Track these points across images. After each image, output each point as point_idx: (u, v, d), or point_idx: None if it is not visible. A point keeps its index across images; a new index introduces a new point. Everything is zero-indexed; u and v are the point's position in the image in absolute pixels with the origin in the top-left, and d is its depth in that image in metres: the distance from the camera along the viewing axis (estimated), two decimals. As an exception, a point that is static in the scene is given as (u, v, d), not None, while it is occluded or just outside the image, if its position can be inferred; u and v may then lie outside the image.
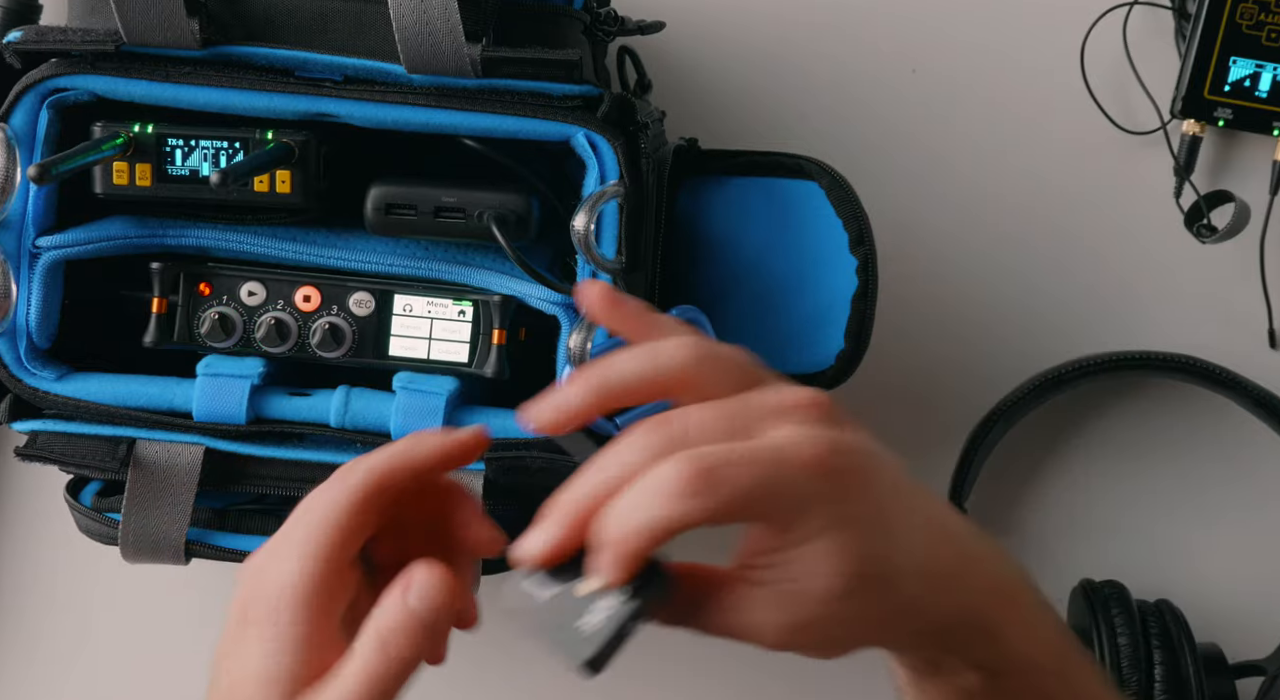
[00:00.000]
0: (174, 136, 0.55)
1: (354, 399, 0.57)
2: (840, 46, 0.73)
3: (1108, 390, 0.73)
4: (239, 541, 0.57)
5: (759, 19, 0.73)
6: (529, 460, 0.56)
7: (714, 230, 0.62)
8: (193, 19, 0.53)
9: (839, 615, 0.42)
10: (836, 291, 0.60)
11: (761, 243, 0.62)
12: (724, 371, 0.43)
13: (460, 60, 0.54)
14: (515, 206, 0.55)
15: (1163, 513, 0.73)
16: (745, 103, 0.73)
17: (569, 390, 0.43)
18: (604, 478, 0.41)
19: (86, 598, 0.74)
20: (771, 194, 0.62)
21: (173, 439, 0.56)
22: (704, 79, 0.74)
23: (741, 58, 0.73)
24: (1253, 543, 0.73)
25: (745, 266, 0.62)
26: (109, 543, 0.58)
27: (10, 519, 0.73)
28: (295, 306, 0.58)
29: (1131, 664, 0.64)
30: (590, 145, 0.55)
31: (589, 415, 0.43)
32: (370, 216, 0.56)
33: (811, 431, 0.41)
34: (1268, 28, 0.69)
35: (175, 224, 0.57)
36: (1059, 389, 0.69)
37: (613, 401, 0.43)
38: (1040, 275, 0.73)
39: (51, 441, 0.56)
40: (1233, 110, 0.70)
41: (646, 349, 0.43)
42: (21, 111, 0.54)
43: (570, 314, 0.56)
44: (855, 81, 0.73)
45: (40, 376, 0.56)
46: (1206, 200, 0.70)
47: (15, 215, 0.55)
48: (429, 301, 0.58)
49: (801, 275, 0.61)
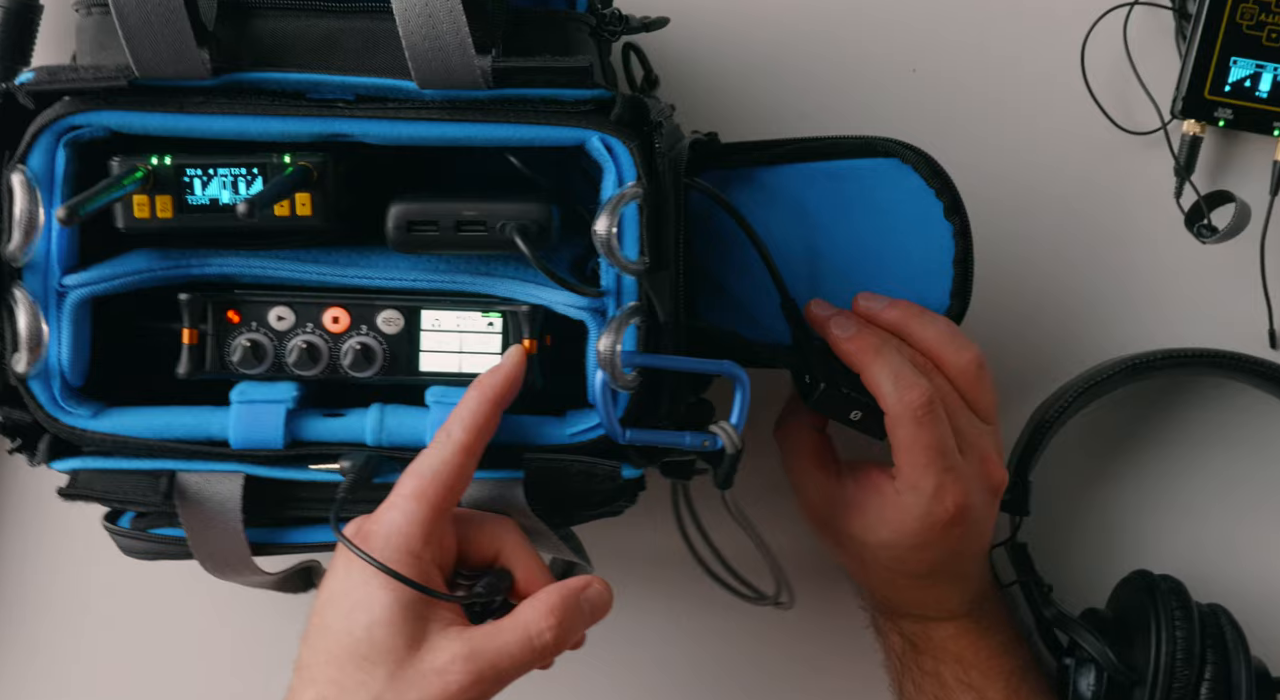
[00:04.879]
0: (192, 166, 0.55)
1: (388, 416, 0.57)
2: (840, 46, 0.73)
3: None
4: (303, 534, 0.59)
5: (759, 19, 0.73)
6: (568, 464, 0.56)
7: (758, 220, 0.62)
8: (203, 49, 0.53)
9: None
10: (931, 258, 0.64)
11: (827, 224, 0.65)
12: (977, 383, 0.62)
13: (471, 72, 0.54)
14: (536, 216, 0.55)
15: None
16: (744, 102, 0.73)
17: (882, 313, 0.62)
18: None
19: (86, 595, 0.75)
20: (831, 176, 0.64)
21: (212, 468, 0.57)
22: (701, 75, 0.74)
23: (740, 57, 0.73)
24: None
25: (812, 250, 0.65)
26: (154, 558, 0.59)
27: (9, 519, 0.74)
28: (324, 328, 0.58)
29: (1185, 659, 0.64)
30: (606, 148, 0.55)
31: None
32: (392, 235, 0.56)
33: (980, 491, 0.62)
34: (1268, 28, 0.69)
35: (198, 253, 0.57)
36: (1142, 375, 0.70)
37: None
38: (1040, 275, 0.73)
39: (92, 479, 0.57)
40: (1233, 110, 0.70)
41: (954, 337, 0.62)
42: (39, 152, 0.54)
43: (598, 318, 0.56)
44: (855, 81, 0.73)
45: (76, 415, 0.56)
46: (1206, 200, 0.70)
47: (40, 256, 0.55)
48: (457, 315, 0.58)
49: (884, 248, 0.64)
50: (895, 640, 0.68)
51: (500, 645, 0.52)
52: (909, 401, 0.59)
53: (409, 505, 0.53)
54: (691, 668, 0.75)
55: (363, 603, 0.51)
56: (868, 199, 0.65)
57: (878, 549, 0.63)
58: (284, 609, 0.64)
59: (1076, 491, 0.75)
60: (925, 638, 0.67)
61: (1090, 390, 0.69)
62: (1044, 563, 0.70)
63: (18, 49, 0.68)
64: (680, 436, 0.57)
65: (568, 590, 0.54)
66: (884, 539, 0.62)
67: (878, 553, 0.63)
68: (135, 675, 0.75)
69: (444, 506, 0.53)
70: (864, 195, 0.65)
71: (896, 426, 0.60)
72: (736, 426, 0.57)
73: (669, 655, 0.75)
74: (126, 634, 0.75)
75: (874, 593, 0.68)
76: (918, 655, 0.67)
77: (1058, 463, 0.72)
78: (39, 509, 0.74)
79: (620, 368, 0.55)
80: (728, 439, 0.57)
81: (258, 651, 0.74)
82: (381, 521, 0.53)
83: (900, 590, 0.66)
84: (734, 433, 0.57)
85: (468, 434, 0.54)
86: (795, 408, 0.67)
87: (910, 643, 0.67)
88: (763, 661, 0.75)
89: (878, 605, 0.68)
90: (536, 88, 0.55)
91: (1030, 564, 0.70)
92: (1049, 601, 0.69)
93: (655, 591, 0.74)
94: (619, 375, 0.55)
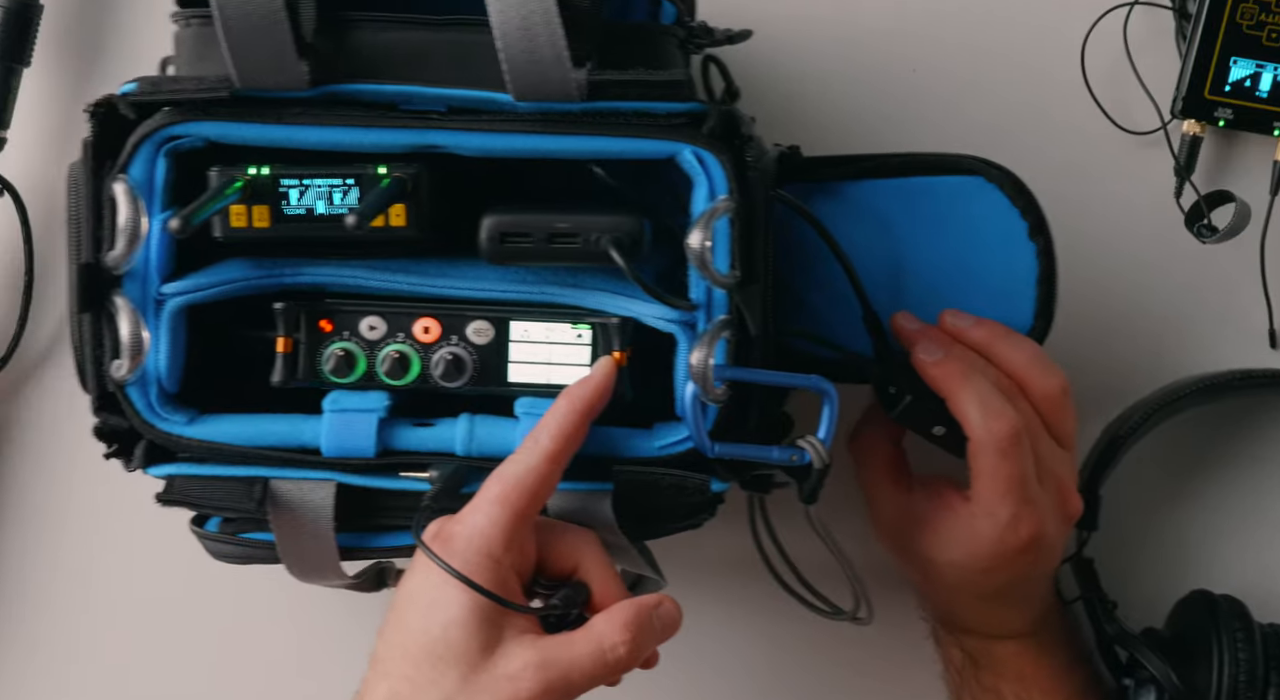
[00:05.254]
0: (288, 177, 0.56)
1: (478, 427, 0.57)
2: (840, 46, 0.73)
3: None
4: (390, 539, 0.59)
5: (758, 18, 0.72)
6: (659, 477, 0.56)
7: (840, 234, 0.63)
8: (303, 60, 0.54)
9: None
10: (1014, 277, 0.64)
11: (909, 240, 0.65)
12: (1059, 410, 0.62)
13: (566, 85, 0.54)
14: (629, 229, 0.56)
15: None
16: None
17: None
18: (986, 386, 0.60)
19: (86, 595, 0.75)
20: (915, 192, 0.64)
21: (305, 476, 0.57)
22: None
23: (739, 57, 0.72)
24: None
25: (895, 265, 0.65)
26: (244, 562, 0.60)
27: (9, 518, 0.75)
28: (415, 338, 0.58)
29: (1249, 681, 0.64)
30: (698, 161, 0.55)
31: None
32: (485, 246, 0.56)
33: (1055, 520, 0.62)
34: (1268, 28, 0.69)
35: (291, 263, 0.58)
36: (1217, 396, 0.69)
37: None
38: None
39: (188, 485, 0.57)
40: (1233, 110, 0.70)
41: (1041, 361, 0.62)
42: (139, 162, 0.55)
43: (688, 331, 0.56)
44: (855, 81, 0.73)
45: (172, 421, 0.56)
46: (1206, 200, 0.69)
47: (139, 265, 0.55)
48: (546, 326, 0.58)
49: (967, 266, 0.64)
50: (955, 654, 0.68)
51: (573, 657, 0.52)
52: (995, 431, 0.59)
53: (492, 509, 0.53)
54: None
55: (440, 603, 0.52)
56: (950, 216, 0.65)
57: (945, 568, 0.63)
58: (305, 604, 0.64)
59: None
60: (986, 654, 0.66)
61: (1163, 409, 0.69)
62: (1109, 580, 0.70)
63: (17, 49, 0.70)
64: (768, 451, 0.57)
65: (642, 606, 0.54)
66: (953, 559, 0.62)
67: (945, 571, 0.63)
68: (136, 674, 0.76)
69: (527, 513, 0.54)
70: (947, 212, 0.65)
71: (980, 454, 0.60)
72: (824, 441, 0.57)
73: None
74: (127, 633, 0.75)
75: (938, 608, 0.68)
76: (978, 670, 0.67)
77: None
78: (39, 508, 0.75)
79: (712, 381, 0.55)
80: (815, 454, 0.57)
81: (262, 650, 0.75)
82: (464, 523, 0.53)
83: (965, 608, 0.66)
84: (822, 447, 0.57)
85: (555, 442, 0.54)
86: (872, 419, 0.67)
87: (971, 658, 0.67)
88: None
89: (940, 619, 0.68)
90: (630, 101, 0.55)
91: (1095, 580, 0.70)
92: (1112, 618, 0.68)
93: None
94: (710, 389, 0.55)
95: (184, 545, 0.72)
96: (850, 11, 0.73)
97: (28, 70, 0.71)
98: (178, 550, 0.73)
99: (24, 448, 0.75)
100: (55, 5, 0.73)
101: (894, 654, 0.73)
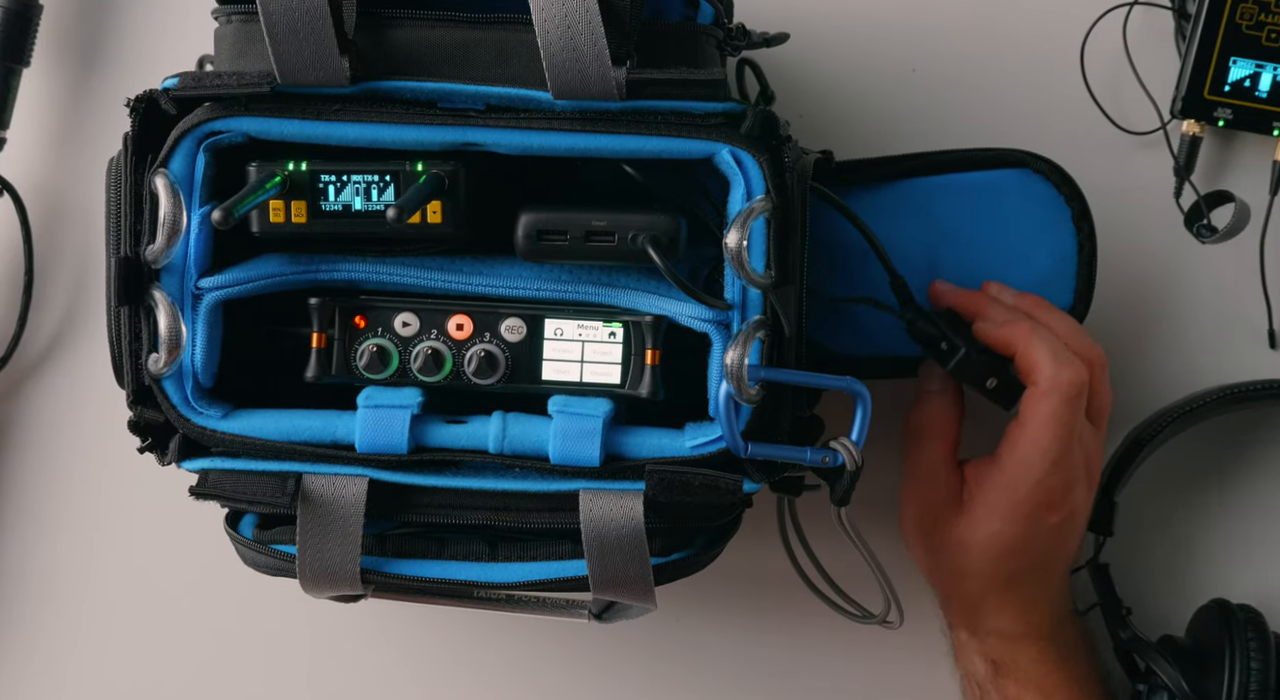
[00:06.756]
0: (326, 173, 0.56)
1: (511, 424, 0.57)
2: (840, 46, 0.73)
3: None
4: (409, 567, 0.58)
5: (757, 18, 0.73)
6: (691, 476, 0.56)
7: (879, 232, 0.63)
8: (344, 57, 0.54)
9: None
10: (1057, 264, 0.67)
11: (951, 234, 0.67)
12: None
13: (606, 83, 0.54)
14: (666, 227, 0.56)
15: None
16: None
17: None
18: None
19: (85, 594, 0.75)
20: (962, 189, 0.66)
21: (337, 472, 0.57)
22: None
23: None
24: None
25: (934, 259, 0.67)
26: (274, 574, 0.59)
27: (10, 518, 0.75)
28: (449, 335, 0.58)
29: (1260, 691, 0.64)
30: (735, 161, 0.55)
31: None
32: (521, 243, 0.56)
33: (1084, 487, 0.65)
34: (1268, 28, 0.69)
35: (326, 259, 0.58)
36: (1241, 404, 0.69)
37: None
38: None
39: (221, 479, 0.57)
40: (1233, 110, 0.70)
41: (1082, 333, 0.64)
42: (180, 156, 0.55)
43: (722, 331, 0.56)
44: (854, 81, 0.73)
45: (207, 415, 0.57)
46: (1206, 200, 0.69)
47: (178, 259, 0.56)
48: (579, 325, 0.58)
49: (1008, 256, 0.67)
50: (977, 665, 0.67)
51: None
52: (1066, 378, 0.61)
53: None
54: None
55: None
56: (995, 208, 0.66)
57: (976, 549, 0.64)
58: (305, 604, 0.64)
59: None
60: (1010, 660, 0.66)
61: (1184, 417, 0.69)
62: (1125, 586, 0.70)
63: (17, 49, 0.70)
64: (801, 452, 0.57)
65: None
66: (991, 531, 0.63)
67: (974, 555, 0.64)
68: (136, 674, 0.76)
69: None
70: (992, 205, 0.66)
71: (1043, 399, 0.61)
72: (857, 443, 0.57)
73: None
74: (127, 634, 0.75)
75: (963, 606, 0.67)
76: (999, 679, 0.66)
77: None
78: (39, 508, 0.75)
79: (746, 381, 0.55)
80: (848, 455, 0.57)
81: (262, 650, 0.75)
82: None
83: (989, 596, 0.66)
84: (855, 449, 0.57)
85: None
86: (932, 399, 0.67)
87: (993, 666, 0.67)
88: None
89: (964, 622, 0.68)
90: (668, 100, 0.55)
91: (1111, 585, 0.70)
92: (1126, 624, 0.69)
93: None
94: (744, 389, 0.55)
95: (184, 545, 0.74)
96: (851, 11, 0.74)
97: (28, 70, 0.72)
98: (178, 550, 0.74)
99: (24, 448, 0.75)
100: (55, 5, 0.73)
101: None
